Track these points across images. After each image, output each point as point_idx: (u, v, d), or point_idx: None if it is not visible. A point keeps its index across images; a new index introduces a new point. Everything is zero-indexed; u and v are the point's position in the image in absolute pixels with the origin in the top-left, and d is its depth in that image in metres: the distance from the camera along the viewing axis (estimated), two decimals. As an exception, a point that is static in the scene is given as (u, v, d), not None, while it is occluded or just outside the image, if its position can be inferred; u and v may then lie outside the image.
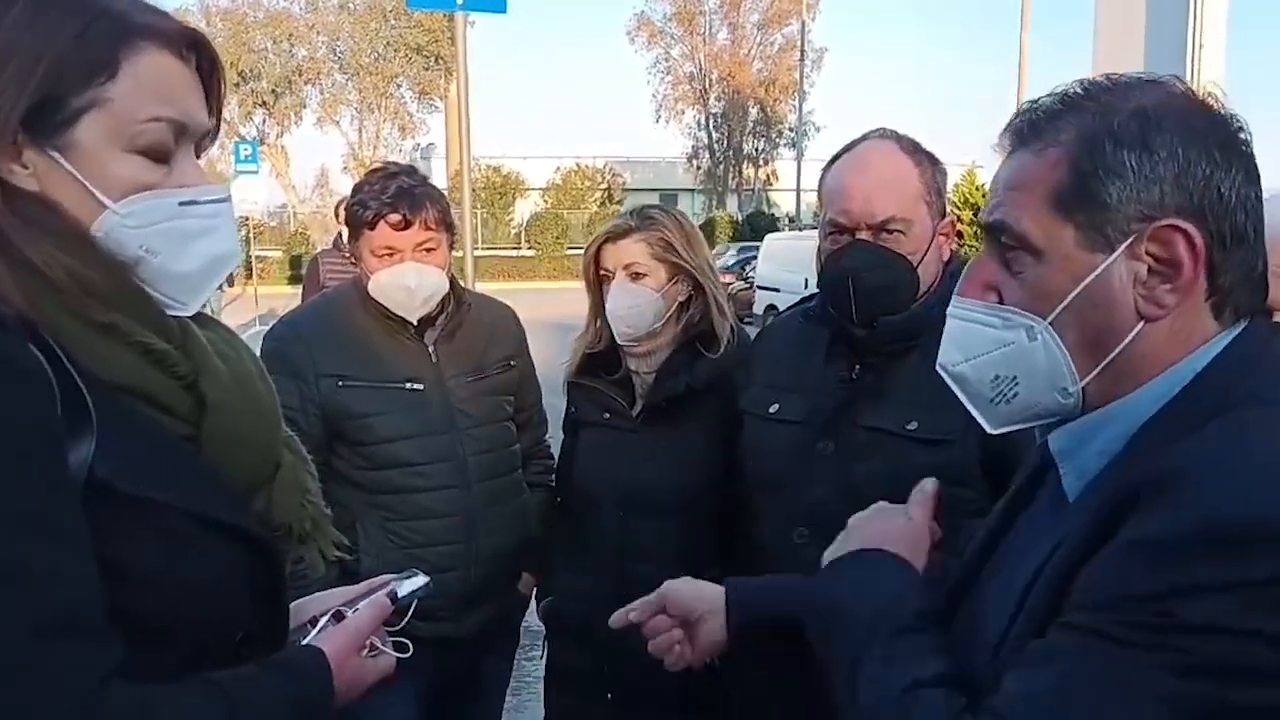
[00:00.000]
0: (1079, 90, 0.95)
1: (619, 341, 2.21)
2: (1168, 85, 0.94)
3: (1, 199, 0.94)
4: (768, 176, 44.62)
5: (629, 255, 2.18)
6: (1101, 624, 0.81)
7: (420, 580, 1.27)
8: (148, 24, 1.00)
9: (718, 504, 2.10)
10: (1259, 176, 0.92)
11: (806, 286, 16.36)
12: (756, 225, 32.68)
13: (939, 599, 1.09)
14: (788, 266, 16.69)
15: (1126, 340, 0.92)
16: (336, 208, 6.50)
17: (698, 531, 2.13)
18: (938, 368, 1.06)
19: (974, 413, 1.04)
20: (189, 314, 1.07)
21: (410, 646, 1.22)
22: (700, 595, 1.42)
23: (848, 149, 1.82)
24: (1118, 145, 0.90)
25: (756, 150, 44.32)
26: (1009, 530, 1.06)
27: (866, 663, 0.99)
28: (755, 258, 19.77)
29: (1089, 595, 0.84)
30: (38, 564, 0.84)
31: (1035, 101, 0.98)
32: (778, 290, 16.94)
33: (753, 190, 44.48)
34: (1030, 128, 0.96)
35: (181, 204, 1.03)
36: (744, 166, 44.22)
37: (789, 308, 2.11)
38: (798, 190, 33.77)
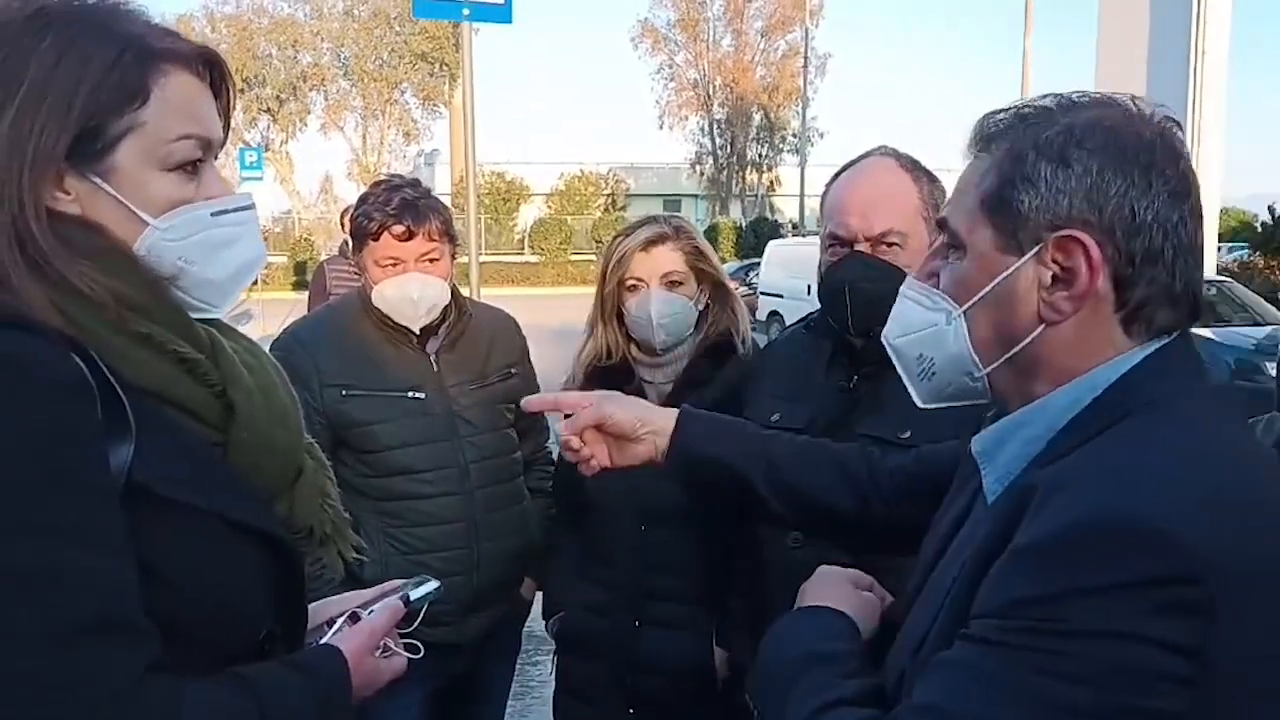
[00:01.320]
0: (1030, 107, 1.01)
1: (658, 349, 2.18)
2: (1113, 106, 0.99)
3: (46, 224, 0.98)
4: (771, 182, 44.57)
5: (668, 263, 2.16)
6: (990, 633, 0.86)
7: (431, 585, 1.31)
8: (169, 48, 1.06)
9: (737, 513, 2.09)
10: (1188, 199, 0.95)
11: (810, 292, 16.33)
12: (760, 231, 32.69)
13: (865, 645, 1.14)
14: (791, 272, 16.72)
15: (1027, 340, 0.98)
16: (342, 215, 6.54)
17: (720, 541, 2.11)
18: (881, 339, 1.14)
19: (908, 384, 1.12)
20: (219, 315, 1.13)
21: (421, 648, 1.25)
22: (644, 419, 1.45)
23: (849, 165, 1.87)
24: (1038, 157, 0.96)
25: (760, 156, 44.27)
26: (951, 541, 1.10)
27: (790, 700, 1.04)
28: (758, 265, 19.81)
29: (982, 604, 0.88)
30: (77, 567, 0.88)
31: (992, 113, 1.04)
32: (781, 296, 16.97)
33: (756, 196, 44.44)
34: (982, 136, 1.03)
35: (214, 214, 1.09)
36: (747, 172, 44.17)
37: (796, 322, 2.14)
38: (801, 196, 33.72)
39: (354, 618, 1.20)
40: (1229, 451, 0.92)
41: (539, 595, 2.53)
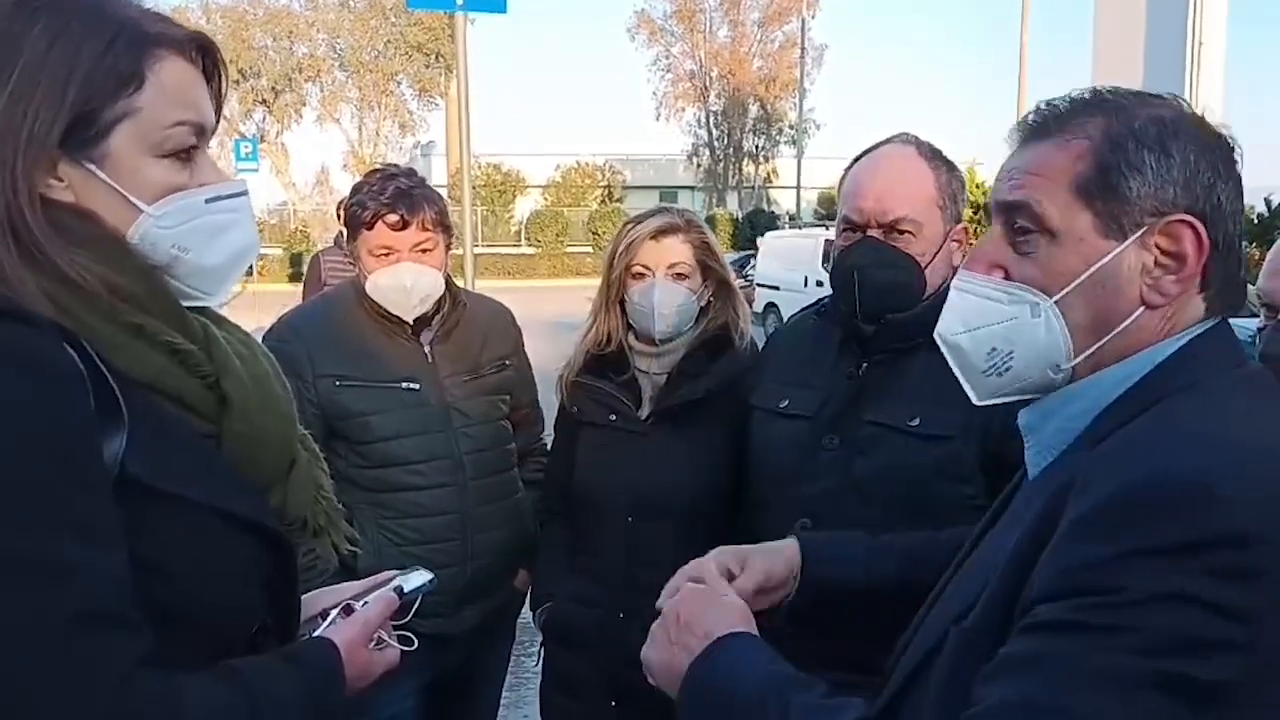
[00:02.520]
0: (1097, 94, 1.03)
1: (657, 339, 2.17)
2: (1180, 103, 1.03)
3: (39, 212, 0.97)
4: (768, 174, 44.56)
5: (676, 255, 2.15)
6: (1054, 615, 0.86)
7: (425, 576, 1.30)
8: (162, 32, 1.04)
9: (731, 506, 2.07)
10: (1242, 194, 1.02)
11: (806, 285, 16.42)
12: (756, 223, 32.68)
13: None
14: (788, 264, 16.73)
15: (1126, 323, 0.99)
16: (338, 207, 6.51)
17: (713, 535, 2.07)
18: (935, 335, 1.12)
19: (963, 382, 1.10)
20: (216, 304, 1.12)
21: (414, 640, 1.24)
22: (789, 563, 1.43)
23: (869, 150, 1.86)
24: (1139, 145, 0.98)
25: (757, 148, 44.25)
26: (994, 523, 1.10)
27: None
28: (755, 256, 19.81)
29: (1041, 588, 0.88)
30: (71, 558, 0.87)
31: (1053, 100, 1.05)
32: (777, 288, 16.97)
33: (753, 188, 44.43)
34: (1053, 120, 1.03)
35: (208, 201, 1.08)
36: (744, 164, 44.16)
37: (802, 309, 2.12)
38: (798, 188, 33.74)
39: (347, 610, 1.20)
40: (1269, 428, 0.93)
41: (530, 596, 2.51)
